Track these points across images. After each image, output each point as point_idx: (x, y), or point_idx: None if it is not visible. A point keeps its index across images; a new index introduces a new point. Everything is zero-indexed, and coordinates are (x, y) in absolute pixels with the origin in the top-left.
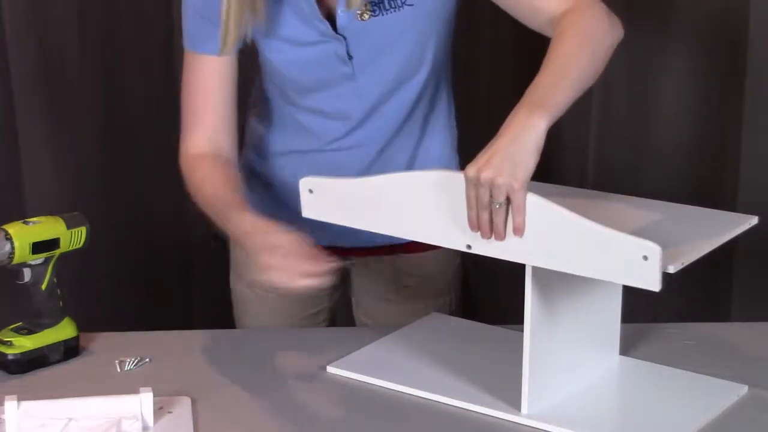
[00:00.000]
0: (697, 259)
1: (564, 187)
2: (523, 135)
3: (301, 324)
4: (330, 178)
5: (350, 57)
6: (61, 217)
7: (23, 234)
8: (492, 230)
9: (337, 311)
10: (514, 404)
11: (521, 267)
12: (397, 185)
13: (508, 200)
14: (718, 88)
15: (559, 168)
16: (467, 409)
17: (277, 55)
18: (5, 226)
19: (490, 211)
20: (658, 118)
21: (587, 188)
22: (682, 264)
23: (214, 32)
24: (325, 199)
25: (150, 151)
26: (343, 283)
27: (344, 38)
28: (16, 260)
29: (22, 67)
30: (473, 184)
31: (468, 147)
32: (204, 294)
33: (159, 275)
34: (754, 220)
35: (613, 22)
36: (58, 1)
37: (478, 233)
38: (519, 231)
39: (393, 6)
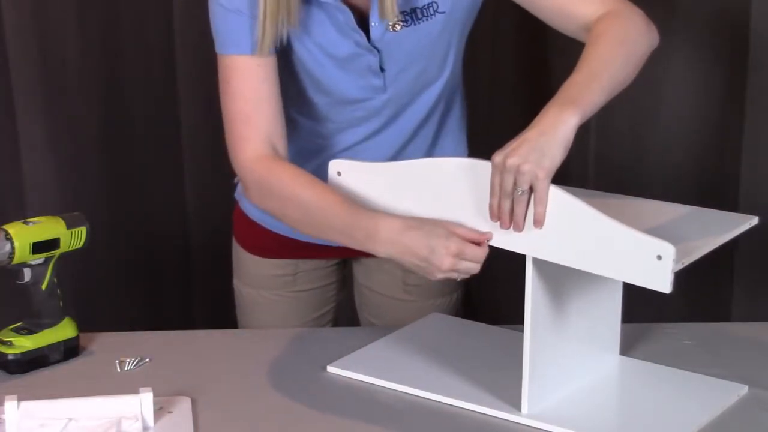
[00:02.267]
0: (697, 258)
1: (564, 187)
2: (553, 129)
3: (306, 327)
4: (359, 161)
5: (382, 70)
6: (61, 217)
7: (23, 234)
8: (512, 220)
9: (340, 311)
10: (515, 404)
11: (521, 267)
12: (423, 170)
13: (531, 191)
14: (719, 88)
15: (559, 167)
16: (467, 409)
17: (311, 59)
18: (5, 226)
19: (512, 201)
20: (658, 118)
21: (588, 188)
22: (683, 264)
23: (252, 27)
24: (352, 181)
25: (150, 151)
26: (346, 283)
27: (378, 51)
28: (16, 260)
29: (22, 67)
30: (499, 170)
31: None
32: (204, 294)
33: (159, 275)
34: (754, 221)
35: (650, 28)
36: (58, 1)
37: (497, 224)
38: (539, 222)
39: (425, 15)
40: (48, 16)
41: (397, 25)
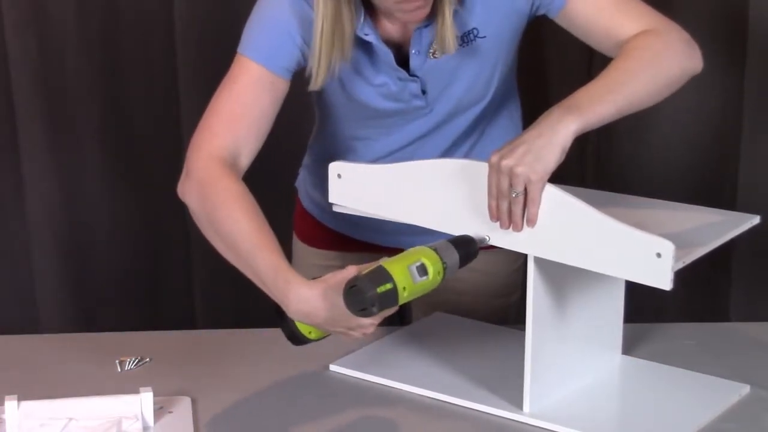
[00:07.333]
0: (697, 258)
1: (565, 186)
2: (551, 132)
3: None
4: (358, 164)
5: (424, 93)
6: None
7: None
8: (510, 221)
9: (404, 311)
10: (516, 403)
11: (523, 268)
12: (423, 172)
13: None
14: (718, 88)
15: (558, 167)
16: (469, 408)
17: (354, 87)
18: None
19: (509, 201)
20: (658, 117)
21: (588, 188)
22: (683, 263)
23: (292, 51)
24: (352, 184)
25: (150, 151)
26: None
27: (418, 77)
28: None
29: (22, 67)
30: (494, 171)
31: None
32: (204, 294)
33: (159, 275)
34: (755, 220)
35: (691, 51)
36: (58, 1)
37: (497, 224)
38: (531, 222)
39: (465, 41)
40: (48, 16)
41: (437, 53)
